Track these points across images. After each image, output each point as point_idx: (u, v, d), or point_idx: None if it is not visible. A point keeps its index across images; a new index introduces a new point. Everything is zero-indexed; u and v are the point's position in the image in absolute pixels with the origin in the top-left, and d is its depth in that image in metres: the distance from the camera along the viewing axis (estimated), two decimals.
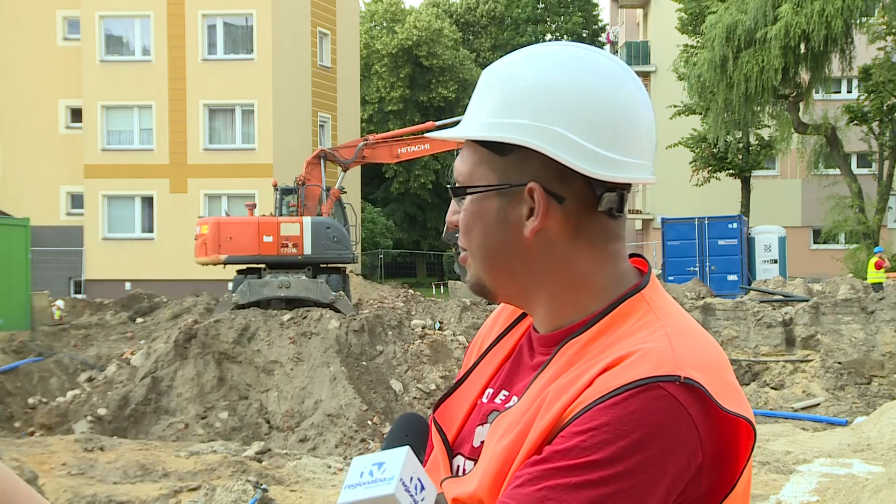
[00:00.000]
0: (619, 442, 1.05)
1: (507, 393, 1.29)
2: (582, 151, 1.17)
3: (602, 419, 1.07)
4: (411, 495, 1.12)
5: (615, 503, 1.05)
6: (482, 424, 1.29)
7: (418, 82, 42.66)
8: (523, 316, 1.37)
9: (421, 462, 1.20)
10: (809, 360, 14.08)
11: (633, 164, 1.20)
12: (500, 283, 1.26)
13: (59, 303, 20.72)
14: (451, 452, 1.31)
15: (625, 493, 1.05)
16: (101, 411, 13.43)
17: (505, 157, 1.21)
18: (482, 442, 1.25)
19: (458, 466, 1.29)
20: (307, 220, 17.99)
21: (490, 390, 1.33)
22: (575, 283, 1.23)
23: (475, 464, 1.24)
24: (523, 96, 1.19)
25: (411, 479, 1.13)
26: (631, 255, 1.29)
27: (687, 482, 1.10)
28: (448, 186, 1.29)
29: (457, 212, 1.28)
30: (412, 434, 1.27)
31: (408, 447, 1.17)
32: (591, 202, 1.20)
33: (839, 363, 13.72)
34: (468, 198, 1.25)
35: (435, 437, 1.34)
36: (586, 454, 1.06)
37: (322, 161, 18.89)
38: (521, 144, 1.18)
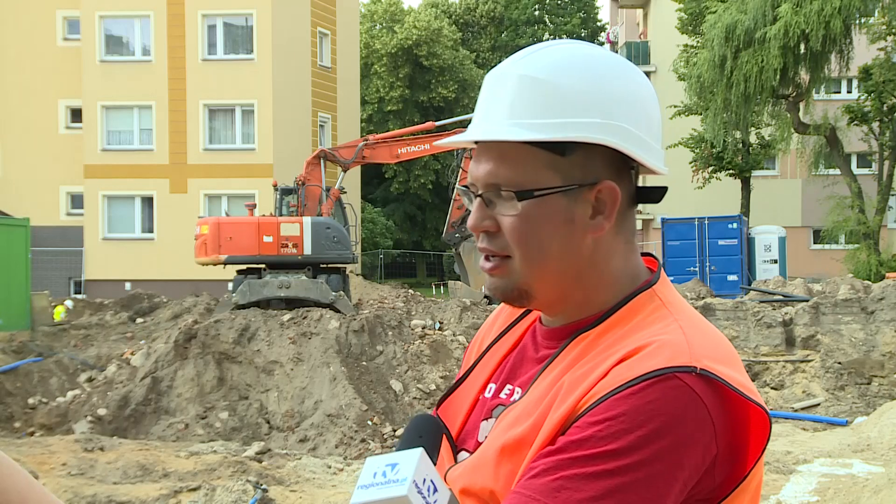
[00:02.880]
0: (635, 432, 1.06)
1: (511, 387, 1.30)
2: (646, 146, 1.21)
3: (619, 409, 1.07)
4: (424, 497, 1.12)
5: (631, 493, 1.05)
6: (486, 419, 1.29)
7: (418, 82, 42.67)
8: (525, 314, 1.38)
9: (434, 463, 1.20)
10: (809, 360, 14.07)
11: (663, 156, 1.26)
12: (547, 287, 1.23)
13: (68, 303, 20.72)
14: (456, 448, 1.31)
15: (641, 483, 1.05)
16: (101, 411, 13.43)
17: (567, 158, 1.19)
18: (487, 436, 1.25)
19: (468, 459, 1.29)
20: (307, 220, 17.99)
21: (492, 385, 1.33)
22: (608, 278, 1.24)
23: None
24: (584, 96, 1.18)
25: (424, 480, 1.13)
26: (641, 254, 1.31)
27: (702, 473, 1.10)
28: (510, 191, 1.20)
29: (487, 217, 1.23)
30: (426, 436, 1.26)
31: (421, 449, 1.17)
32: (633, 198, 1.24)
33: (839, 363, 13.72)
34: (524, 203, 1.20)
35: None
36: (602, 444, 1.06)
37: (322, 161, 18.90)
38: (598, 143, 1.18)
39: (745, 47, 24.36)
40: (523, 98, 1.19)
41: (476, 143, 1.25)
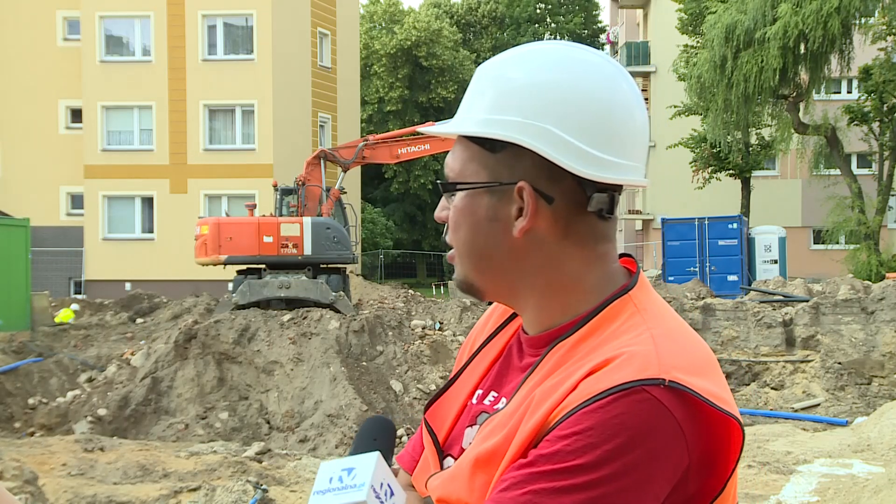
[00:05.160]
0: (603, 446, 1.04)
1: (496, 394, 1.29)
2: (572, 150, 1.16)
3: (586, 423, 1.06)
4: (381, 502, 1.12)
5: None
6: (471, 426, 1.28)
7: (417, 83, 42.68)
8: (514, 316, 1.36)
9: (389, 465, 1.20)
10: (809, 361, 14.07)
11: (624, 165, 1.19)
12: (487, 282, 1.25)
13: (74, 305, 20.73)
14: (442, 454, 1.30)
15: (610, 497, 1.04)
16: (102, 412, 13.43)
17: (496, 155, 1.20)
18: (470, 444, 1.24)
19: (448, 468, 1.28)
20: (307, 220, 17.98)
21: (479, 391, 1.32)
22: (563, 284, 1.22)
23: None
24: (516, 94, 1.18)
25: (382, 485, 1.13)
26: (620, 256, 1.28)
27: (674, 486, 1.09)
28: (437, 182, 1.29)
29: (446, 208, 1.26)
30: (380, 438, 1.26)
31: (378, 452, 1.17)
32: (581, 203, 1.19)
33: (839, 363, 13.72)
34: (458, 194, 1.23)
35: (426, 437, 1.33)
36: (571, 458, 1.05)
37: (322, 161, 18.89)
38: (512, 141, 1.17)
39: (744, 47, 24.37)
40: (476, 93, 1.23)
41: None
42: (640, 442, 1.05)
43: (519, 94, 1.18)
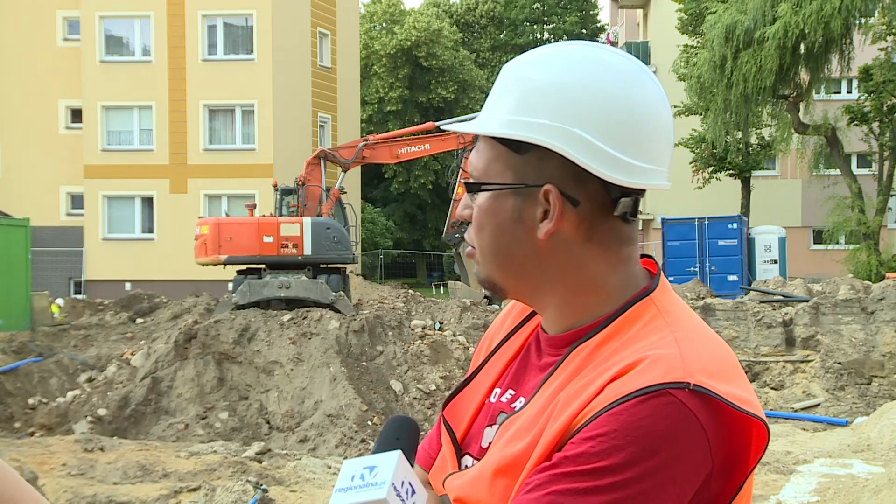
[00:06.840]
0: (627, 448, 1.05)
1: (513, 392, 1.29)
2: (601, 155, 1.16)
3: (611, 425, 1.06)
4: (402, 500, 1.12)
5: None
6: (490, 425, 1.29)
7: (417, 83, 42.68)
8: (533, 314, 1.37)
9: (411, 465, 1.20)
10: (809, 361, 14.07)
11: (649, 169, 1.20)
12: (510, 281, 1.26)
13: (59, 301, 20.65)
14: (460, 452, 1.31)
15: (633, 500, 1.05)
16: (101, 412, 13.43)
17: (522, 156, 1.20)
18: (490, 443, 1.25)
19: (466, 466, 1.28)
20: (307, 220, 17.99)
21: (497, 390, 1.33)
22: (586, 285, 1.22)
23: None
24: (541, 95, 1.18)
25: (402, 483, 1.13)
26: (641, 257, 1.28)
27: (697, 489, 1.10)
28: (462, 182, 1.29)
29: (469, 206, 1.27)
30: (403, 437, 1.26)
31: (399, 451, 1.17)
32: (606, 205, 1.19)
33: (839, 363, 13.72)
34: (482, 194, 1.23)
35: (444, 435, 1.33)
36: (595, 460, 1.06)
37: (322, 161, 18.90)
38: (541, 144, 1.17)
39: (744, 47, 24.36)
40: (502, 93, 1.23)
41: None
42: (664, 445, 1.06)
43: (544, 95, 1.18)
